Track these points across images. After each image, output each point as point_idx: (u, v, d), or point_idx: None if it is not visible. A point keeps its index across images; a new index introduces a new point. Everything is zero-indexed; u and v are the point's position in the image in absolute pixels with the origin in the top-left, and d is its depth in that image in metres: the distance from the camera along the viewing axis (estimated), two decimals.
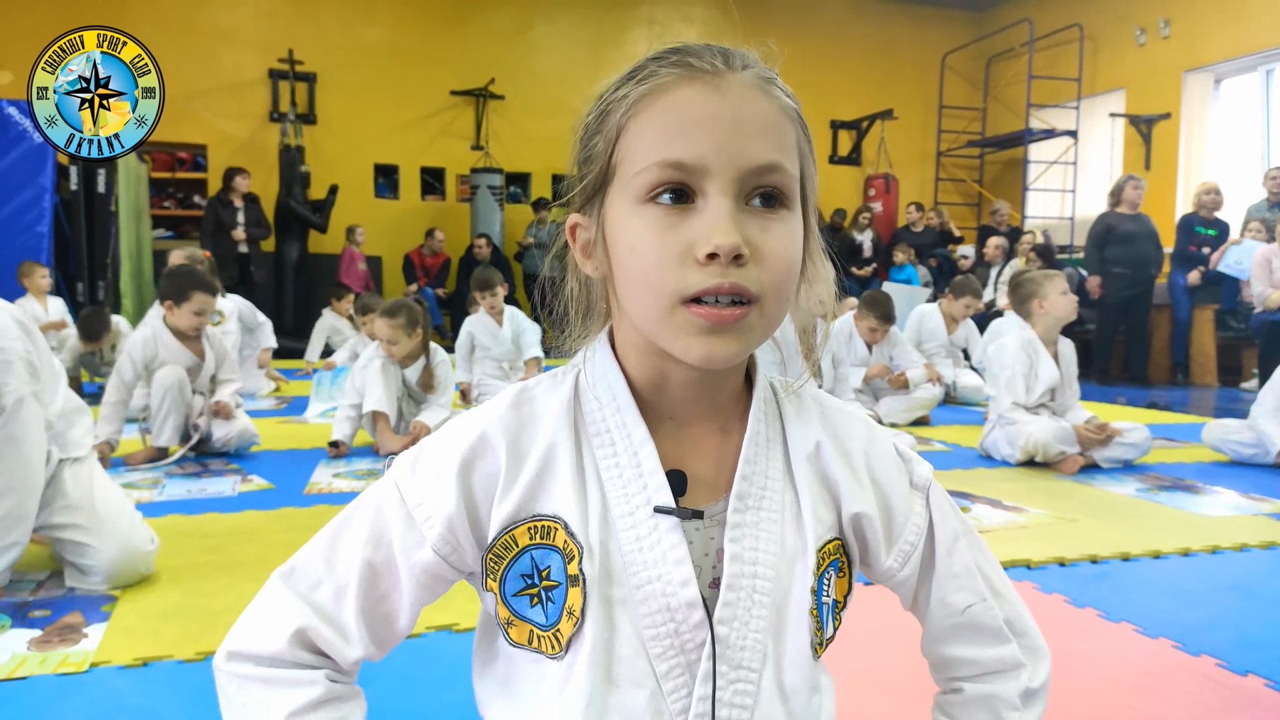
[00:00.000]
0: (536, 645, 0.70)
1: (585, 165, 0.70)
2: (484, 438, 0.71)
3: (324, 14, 9.26)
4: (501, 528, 0.70)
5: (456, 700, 1.35)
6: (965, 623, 0.79)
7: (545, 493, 0.70)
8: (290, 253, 8.40)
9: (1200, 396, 6.22)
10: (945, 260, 9.10)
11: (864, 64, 10.69)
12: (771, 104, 0.66)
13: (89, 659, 1.55)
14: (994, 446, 3.55)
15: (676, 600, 0.68)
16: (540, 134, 9.68)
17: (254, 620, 0.74)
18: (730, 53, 0.67)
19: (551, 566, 0.69)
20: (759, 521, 0.71)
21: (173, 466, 3.23)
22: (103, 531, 1.90)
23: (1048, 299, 3.43)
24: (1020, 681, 0.79)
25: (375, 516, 0.73)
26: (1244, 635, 1.73)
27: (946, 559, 0.79)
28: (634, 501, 0.70)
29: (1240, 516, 2.70)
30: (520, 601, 0.70)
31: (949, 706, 0.82)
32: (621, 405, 0.71)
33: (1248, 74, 8.42)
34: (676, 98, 0.65)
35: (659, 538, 0.69)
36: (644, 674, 0.68)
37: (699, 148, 0.63)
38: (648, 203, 0.65)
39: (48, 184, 6.14)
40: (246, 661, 0.73)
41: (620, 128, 0.67)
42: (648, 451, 0.70)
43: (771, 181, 0.65)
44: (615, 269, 0.68)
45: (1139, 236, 6.56)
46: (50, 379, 1.95)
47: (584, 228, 0.71)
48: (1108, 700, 1.45)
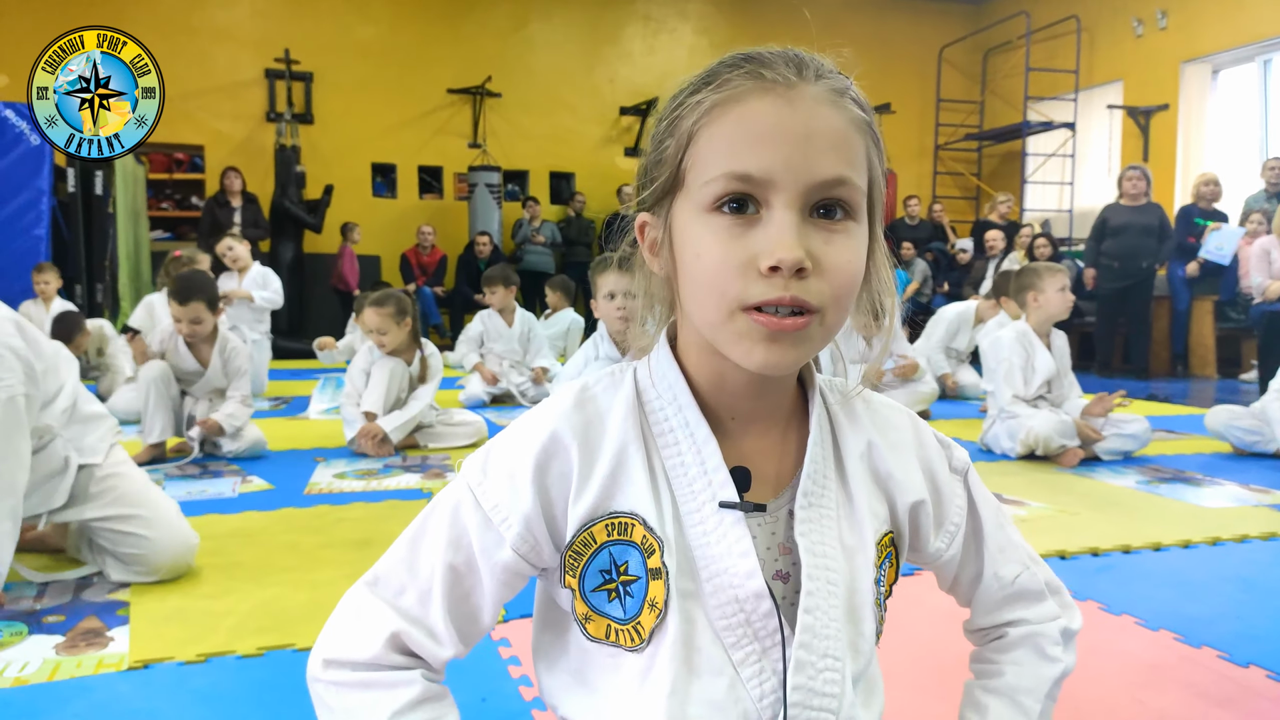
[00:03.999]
0: (615, 639, 0.72)
1: (656, 167, 0.71)
2: (555, 437, 0.72)
3: (320, 13, 9.25)
4: (580, 525, 0.72)
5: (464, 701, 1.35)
6: (1015, 592, 0.85)
7: (620, 490, 0.72)
8: (285, 253, 8.39)
9: (1200, 388, 6.22)
10: (942, 254, 9.10)
11: (860, 58, 10.42)
12: (842, 117, 0.67)
13: (124, 660, 1.56)
14: (994, 440, 3.55)
15: (744, 591, 0.70)
16: (537, 131, 9.67)
17: (345, 628, 0.76)
18: (804, 62, 0.68)
19: (629, 562, 0.71)
20: (822, 518, 0.74)
21: (172, 468, 3.22)
22: (157, 522, 1.96)
23: (1043, 294, 3.43)
24: (1060, 622, 0.85)
25: (452, 520, 0.75)
26: (1246, 627, 1.73)
27: (995, 534, 0.84)
28: (700, 498, 0.72)
29: (1241, 508, 2.70)
30: (599, 597, 0.72)
31: (990, 653, 0.87)
32: (683, 405, 0.74)
33: (1245, 64, 8.41)
34: (748, 109, 0.66)
35: (724, 532, 0.71)
36: (722, 663, 0.70)
37: (767, 161, 0.64)
38: (714, 211, 0.66)
39: (45, 186, 6.14)
40: (343, 668, 0.75)
41: (691, 134, 0.68)
42: (711, 449, 0.72)
43: (837, 195, 0.66)
44: (680, 272, 0.70)
45: (1132, 229, 6.56)
46: (54, 380, 1.96)
47: (652, 227, 0.73)
48: (1110, 692, 1.45)
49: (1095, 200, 8.99)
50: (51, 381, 1.95)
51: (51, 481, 1.92)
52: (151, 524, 1.96)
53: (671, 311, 0.77)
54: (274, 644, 1.62)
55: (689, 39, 10.25)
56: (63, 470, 1.95)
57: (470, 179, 9.27)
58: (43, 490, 1.90)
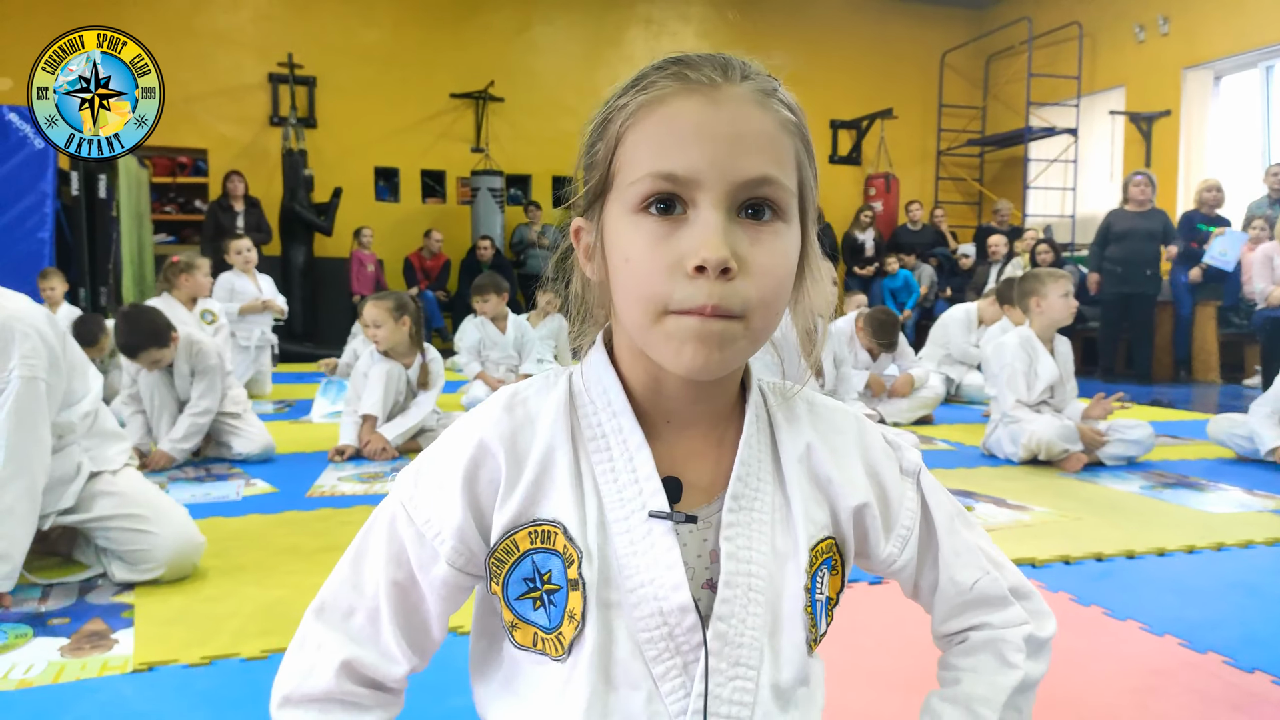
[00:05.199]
0: (541, 647, 0.71)
1: (588, 171, 0.71)
2: (483, 445, 0.71)
3: (323, 17, 9.26)
4: (503, 532, 0.71)
5: (461, 706, 1.35)
6: (974, 598, 0.82)
7: (545, 497, 0.71)
8: (296, 257, 8.39)
9: (1203, 393, 6.22)
10: (946, 259, 9.10)
11: (863, 63, 10.68)
12: (769, 117, 0.67)
13: (129, 662, 1.56)
14: (997, 445, 3.55)
15: (669, 604, 0.69)
16: (540, 135, 9.67)
17: (298, 661, 0.76)
18: (730, 64, 0.67)
19: (553, 570, 0.70)
20: (751, 522, 0.72)
21: (176, 471, 3.23)
22: (162, 520, 1.98)
23: (1046, 299, 3.43)
24: (1025, 629, 0.82)
25: (389, 536, 0.74)
26: (1250, 632, 1.73)
27: (949, 538, 0.81)
28: (629, 506, 0.70)
29: (1245, 513, 2.70)
30: (523, 605, 0.71)
31: (952, 658, 0.84)
32: (617, 410, 0.72)
33: (1247, 70, 8.41)
34: (673, 109, 0.65)
35: (653, 542, 0.69)
36: (641, 676, 0.69)
37: (692, 160, 0.64)
38: (641, 212, 0.65)
39: (49, 190, 6.14)
40: (297, 707, 0.74)
41: (619, 136, 0.68)
42: (644, 457, 0.71)
43: (764, 194, 0.65)
44: (611, 275, 0.69)
45: (1136, 234, 6.56)
46: (80, 384, 2.00)
47: (586, 231, 0.72)
48: (1114, 698, 1.45)
49: (1097, 206, 8.98)
50: (78, 383, 1.99)
51: (62, 485, 1.94)
52: (155, 520, 1.97)
53: (607, 316, 0.76)
54: (278, 646, 1.61)
55: (690, 42, 10.24)
56: (74, 476, 1.97)
57: (473, 183, 9.27)
58: (53, 493, 1.92)
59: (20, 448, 1.79)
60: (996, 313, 5.34)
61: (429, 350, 3.70)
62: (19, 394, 1.79)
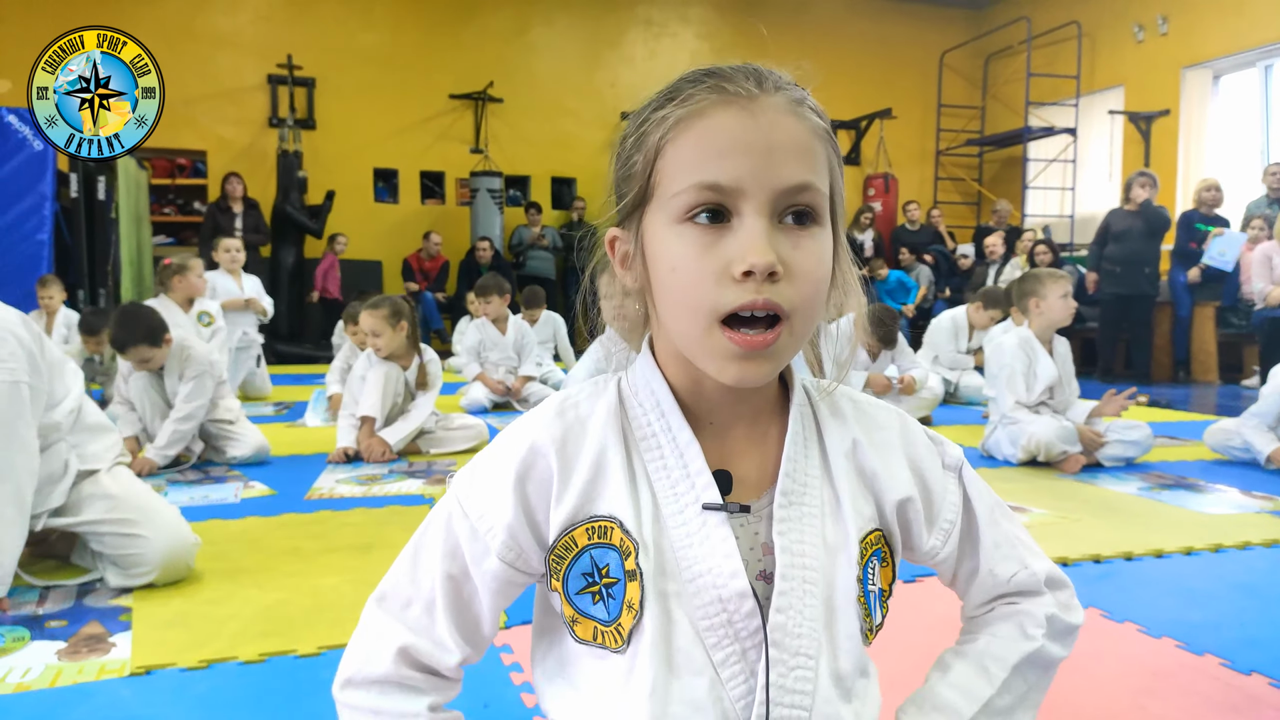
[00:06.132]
0: (601, 641, 0.74)
1: (624, 183, 0.73)
2: (534, 448, 0.75)
3: (322, 19, 9.26)
4: (561, 530, 0.74)
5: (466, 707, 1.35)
6: (1011, 590, 0.85)
7: (600, 495, 0.74)
8: (286, 258, 8.39)
9: (1202, 394, 6.22)
10: (943, 258, 9.10)
11: (862, 63, 10.68)
12: (803, 125, 0.70)
13: (126, 666, 1.56)
14: (996, 446, 3.55)
15: (727, 591, 0.71)
16: (539, 137, 9.68)
17: (360, 647, 0.80)
18: (763, 75, 0.71)
19: (610, 564, 0.73)
20: (802, 516, 0.75)
21: (174, 474, 3.23)
22: (153, 523, 1.97)
23: (1045, 300, 3.42)
24: (1049, 608, 0.85)
25: (445, 532, 0.78)
26: (1248, 634, 1.73)
27: (989, 531, 0.84)
28: (683, 500, 0.73)
29: (1243, 515, 2.70)
30: (583, 599, 0.74)
31: (973, 624, 0.88)
32: (666, 410, 0.75)
33: (1246, 70, 8.41)
34: (713, 122, 0.68)
35: (708, 533, 0.72)
36: (702, 663, 0.71)
37: (735, 170, 0.67)
38: (686, 222, 0.68)
39: (48, 192, 6.14)
40: (358, 689, 0.78)
41: (659, 148, 0.70)
42: (694, 452, 0.74)
43: (803, 200, 0.68)
44: (655, 285, 0.72)
45: (1134, 233, 6.57)
46: (60, 384, 1.98)
47: (623, 241, 0.75)
48: (1112, 700, 1.45)
49: (1096, 206, 8.99)
50: (58, 383, 1.97)
51: (50, 484, 1.93)
52: (145, 524, 1.96)
53: (646, 323, 0.79)
54: (276, 649, 1.61)
55: (690, 44, 10.26)
56: (62, 474, 1.96)
57: (472, 184, 9.28)
58: (42, 492, 1.91)
59: (4, 453, 1.77)
60: (984, 318, 5.35)
61: (426, 351, 3.70)
62: (0, 399, 1.76)
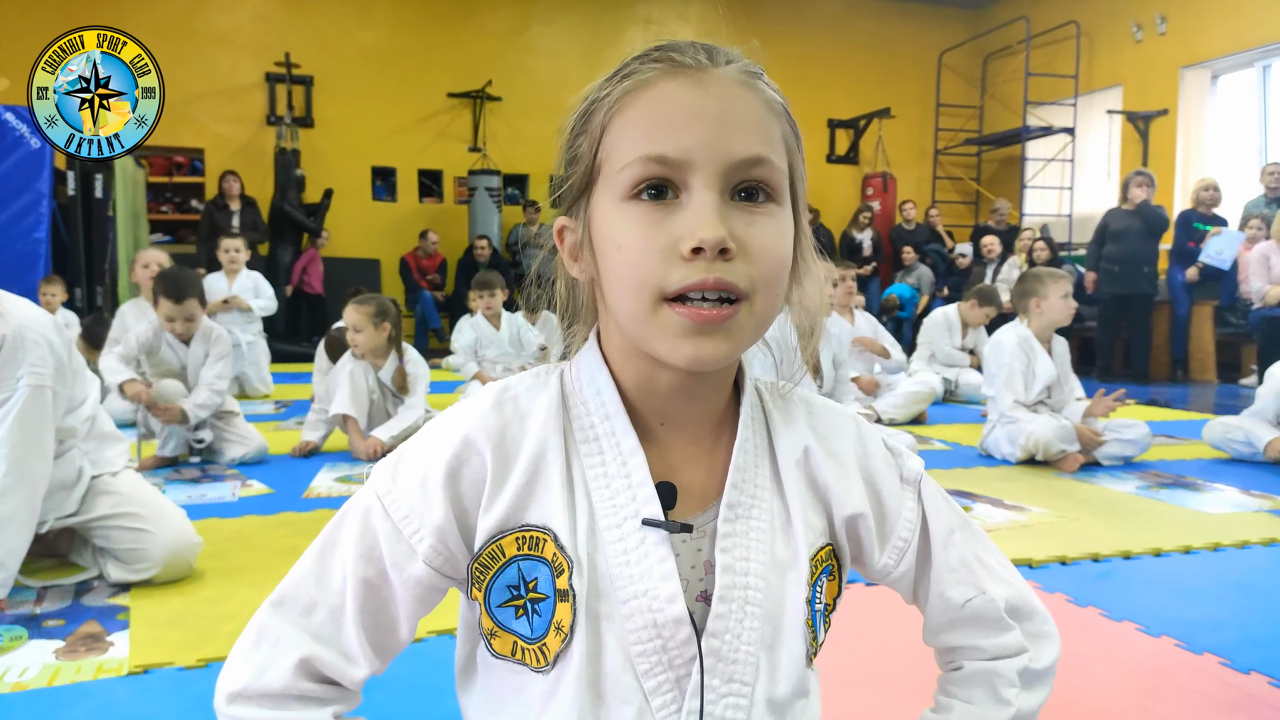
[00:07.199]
0: (520, 657, 0.68)
1: (570, 166, 0.69)
2: (468, 441, 0.68)
3: (320, 17, 9.25)
4: (489, 536, 0.68)
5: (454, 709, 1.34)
6: (965, 616, 0.78)
7: (534, 501, 0.68)
8: (284, 256, 8.37)
9: (1200, 393, 6.22)
10: (940, 258, 9.10)
11: (861, 63, 10.68)
12: (757, 98, 0.65)
13: (124, 665, 1.55)
14: (994, 445, 3.55)
15: (663, 616, 0.66)
16: (538, 135, 9.66)
17: (251, 656, 0.71)
18: (714, 49, 0.67)
19: (539, 578, 0.67)
20: (749, 531, 0.69)
21: (171, 472, 3.22)
22: (159, 520, 1.98)
23: (1046, 300, 3.43)
24: (1021, 661, 0.78)
25: (362, 531, 0.71)
26: (1246, 633, 1.73)
27: (942, 553, 0.78)
28: (622, 513, 0.67)
29: (1241, 513, 2.70)
30: (505, 613, 0.68)
31: (948, 684, 0.82)
32: (611, 412, 0.69)
33: (1244, 69, 8.42)
34: (659, 92, 0.64)
35: (646, 551, 0.67)
36: (631, 690, 0.66)
37: (683, 141, 0.62)
38: (632, 199, 0.63)
39: (45, 190, 6.13)
40: (249, 703, 0.70)
41: (604, 126, 0.66)
42: (637, 462, 0.68)
43: (757, 175, 0.64)
44: (601, 268, 0.66)
45: (1132, 233, 6.57)
46: (81, 388, 2.01)
47: (571, 230, 0.70)
48: (1112, 699, 1.44)
49: (1095, 205, 8.99)
50: (79, 388, 1.99)
51: (64, 490, 1.95)
52: (152, 520, 1.97)
53: (595, 316, 0.73)
54: None
55: None
56: (76, 481, 1.98)
57: (470, 183, 9.27)
58: (55, 498, 1.92)
59: (24, 457, 1.79)
60: (979, 315, 5.37)
61: (409, 352, 3.64)
62: (26, 402, 1.79)
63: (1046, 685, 0.81)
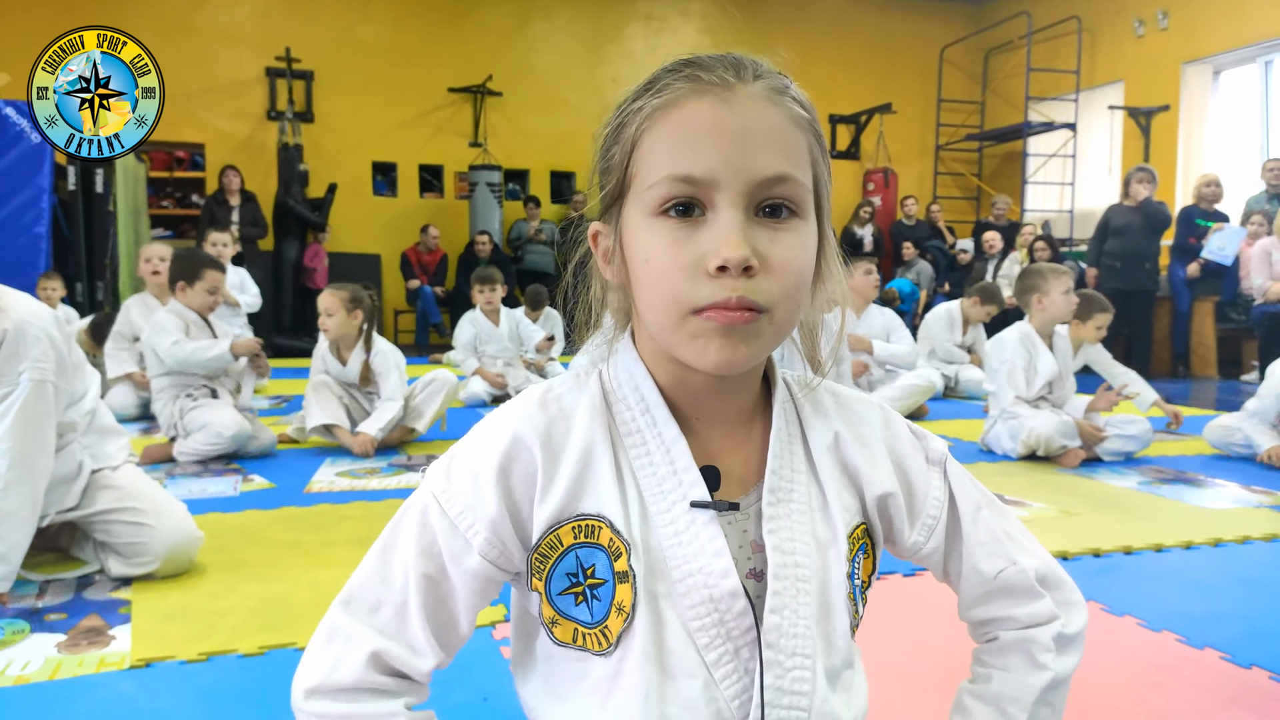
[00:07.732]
0: (581, 643, 0.72)
1: (604, 175, 0.72)
2: (517, 439, 0.72)
3: (321, 12, 9.24)
4: (546, 528, 0.71)
5: (466, 701, 1.35)
6: (998, 587, 0.82)
7: (587, 492, 0.71)
8: (289, 251, 8.37)
9: (1201, 389, 6.22)
10: (941, 254, 9.09)
11: (862, 58, 10.67)
12: (782, 114, 0.68)
13: (126, 659, 1.55)
14: (995, 441, 3.55)
15: (719, 591, 0.70)
16: (538, 131, 9.66)
17: (324, 653, 0.75)
18: (742, 63, 0.68)
19: (596, 565, 0.71)
20: (791, 514, 0.73)
21: (172, 466, 3.22)
22: (160, 514, 1.99)
23: (1048, 296, 3.42)
24: (1054, 627, 0.82)
25: (420, 529, 0.74)
26: (1248, 628, 1.73)
27: (972, 528, 0.82)
28: (670, 498, 0.71)
29: (1242, 509, 2.70)
30: (565, 600, 0.72)
31: (985, 655, 0.86)
32: (651, 405, 0.73)
33: (1246, 65, 8.40)
34: (686, 111, 0.66)
35: (697, 531, 0.70)
36: (695, 664, 0.70)
37: (708, 161, 0.65)
38: (660, 215, 0.66)
39: (46, 184, 6.13)
40: (325, 698, 0.73)
41: (635, 140, 0.69)
42: (680, 449, 0.72)
43: (780, 193, 0.66)
44: (632, 277, 0.70)
45: (1134, 229, 6.56)
46: (81, 383, 2.01)
47: (604, 235, 0.73)
48: (1113, 694, 1.45)
49: (1096, 201, 8.98)
50: (79, 382, 2.00)
51: (64, 484, 1.95)
52: (153, 514, 1.98)
53: (628, 318, 0.77)
54: (276, 642, 1.61)
55: (691, 38, 10.24)
56: (76, 475, 1.98)
57: (471, 178, 9.26)
58: (55, 492, 1.93)
59: (26, 452, 1.80)
60: (980, 313, 5.38)
61: (377, 343, 3.59)
62: (28, 397, 1.79)
63: (1078, 650, 0.84)
